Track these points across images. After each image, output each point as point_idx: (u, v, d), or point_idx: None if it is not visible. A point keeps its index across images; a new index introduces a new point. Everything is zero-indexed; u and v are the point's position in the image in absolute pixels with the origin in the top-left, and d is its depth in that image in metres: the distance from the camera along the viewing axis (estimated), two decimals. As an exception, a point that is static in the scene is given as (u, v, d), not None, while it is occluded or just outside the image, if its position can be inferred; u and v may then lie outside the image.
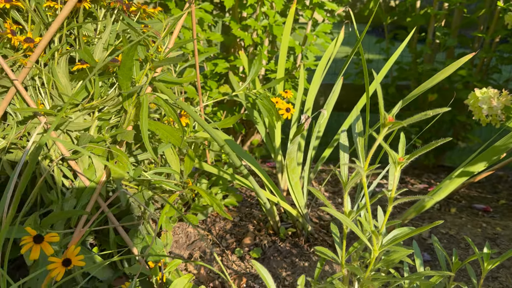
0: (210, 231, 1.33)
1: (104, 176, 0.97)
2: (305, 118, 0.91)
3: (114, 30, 0.96)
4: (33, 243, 0.68)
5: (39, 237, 0.69)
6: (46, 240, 0.69)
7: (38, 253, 0.69)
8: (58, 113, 0.90)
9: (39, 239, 0.69)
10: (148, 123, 0.94)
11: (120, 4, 0.95)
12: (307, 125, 0.93)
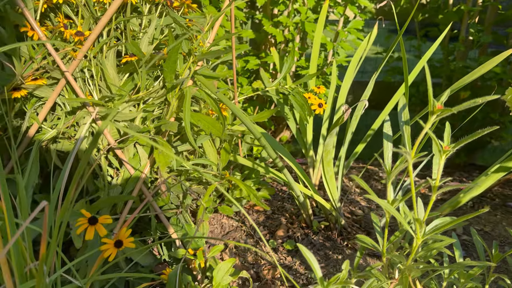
0: (243, 223, 1.36)
1: (148, 165, 1.01)
2: (346, 109, 0.92)
3: (158, 24, 0.99)
4: (88, 225, 0.72)
5: (93, 219, 0.73)
6: (100, 222, 0.73)
7: (93, 233, 0.72)
8: (106, 103, 0.94)
9: (94, 220, 0.72)
10: (190, 114, 0.97)
11: (165, 0, 0.99)
12: (347, 115, 0.94)
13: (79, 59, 0.93)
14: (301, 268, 1.19)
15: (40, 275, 0.62)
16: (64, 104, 1.00)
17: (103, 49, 0.95)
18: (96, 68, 0.94)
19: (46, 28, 0.93)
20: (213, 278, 0.79)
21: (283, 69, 1.42)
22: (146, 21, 1.00)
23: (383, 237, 0.77)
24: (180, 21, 0.93)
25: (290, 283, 1.14)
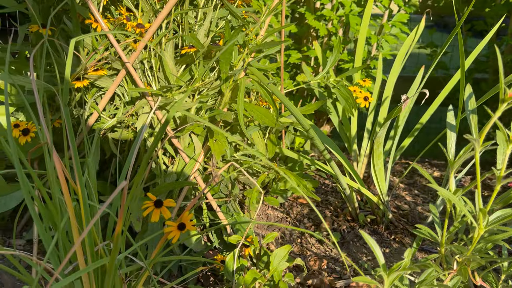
0: (288, 214, 1.37)
1: (202, 154, 1.03)
2: (405, 99, 0.92)
3: (213, 17, 1.01)
4: (154, 207, 0.75)
5: (159, 202, 0.76)
6: (165, 205, 0.76)
7: (158, 216, 0.75)
8: (165, 94, 0.97)
9: (159, 204, 0.75)
10: (243, 105, 0.99)
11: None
12: (405, 105, 0.94)
13: (139, 50, 0.96)
14: (348, 260, 1.20)
15: (114, 253, 0.65)
16: (123, 94, 1.05)
17: (161, 41, 0.98)
18: (155, 60, 0.98)
19: (108, 20, 0.97)
20: (270, 263, 0.81)
21: (329, 62, 1.42)
22: (202, 14, 1.03)
23: (442, 227, 0.77)
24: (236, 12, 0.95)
25: (336, 274, 1.15)
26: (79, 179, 0.69)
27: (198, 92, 1.02)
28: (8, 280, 1.03)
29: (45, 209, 0.72)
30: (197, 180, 1.03)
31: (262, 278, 0.79)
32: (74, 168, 0.72)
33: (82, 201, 0.70)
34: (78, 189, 0.69)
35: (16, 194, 1.00)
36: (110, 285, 0.70)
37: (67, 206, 0.67)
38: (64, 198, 0.67)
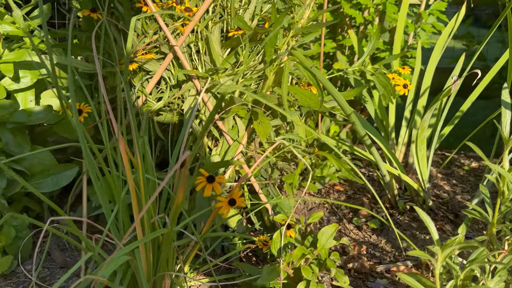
0: (326, 200, 1.38)
1: (246, 137, 1.05)
2: (455, 80, 0.91)
3: (258, 1, 1.03)
4: (207, 183, 0.78)
5: (211, 177, 0.78)
6: (217, 181, 0.78)
7: (210, 191, 0.78)
8: (211, 76, 0.99)
9: (211, 179, 0.78)
10: (288, 87, 1.01)
11: (264, -23, 1.02)
12: (455, 87, 0.93)
13: (186, 34, 0.99)
14: (387, 246, 1.20)
15: (173, 223, 0.67)
16: (169, 78, 1.07)
17: (208, 25, 1.00)
18: (202, 43, 1.00)
19: (156, 4, 1.00)
20: (318, 240, 0.82)
21: (367, 49, 1.42)
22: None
23: (493, 208, 0.76)
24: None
25: (376, 259, 1.15)
26: (139, 153, 0.72)
27: (242, 75, 1.03)
28: (58, 256, 1.08)
29: (105, 182, 0.75)
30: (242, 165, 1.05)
31: (311, 254, 0.80)
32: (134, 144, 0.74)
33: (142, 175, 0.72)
34: (139, 163, 0.72)
35: (67, 173, 1.04)
36: (165, 255, 0.73)
37: (127, 179, 0.70)
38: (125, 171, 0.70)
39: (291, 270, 0.85)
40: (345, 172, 1.06)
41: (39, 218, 1.17)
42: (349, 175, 1.06)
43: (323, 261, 0.82)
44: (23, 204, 1.10)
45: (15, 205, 1.06)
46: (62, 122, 1.08)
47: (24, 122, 0.96)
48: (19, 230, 1.02)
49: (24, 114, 0.95)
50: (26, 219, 0.62)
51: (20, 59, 0.94)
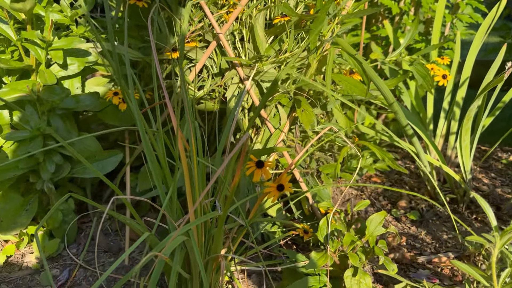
0: (363, 191, 1.37)
1: (287, 125, 1.05)
2: (509, 66, 0.89)
3: (302, -12, 1.02)
4: (256, 168, 0.78)
5: (260, 162, 0.78)
6: (266, 166, 0.78)
7: (259, 176, 0.78)
8: (255, 64, 0.99)
9: (261, 164, 0.78)
10: (331, 75, 1.00)
11: (309, -36, 1.01)
12: (508, 73, 0.91)
13: (231, 21, 0.99)
14: (427, 237, 1.18)
15: (227, 206, 0.68)
16: (212, 66, 1.08)
17: (252, 12, 1.00)
18: (246, 30, 1.00)
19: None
20: (366, 227, 0.81)
21: (405, 39, 1.40)
22: (289, -14, 1.04)
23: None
24: (328, -18, 0.95)
25: (416, 250, 1.14)
26: (193, 139, 0.73)
27: (285, 63, 1.03)
28: (102, 240, 1.10)
29: (158, 166, 0.76)
30: (282, 152, 1.05)
31: (360, 241, 0.80)
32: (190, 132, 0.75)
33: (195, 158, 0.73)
34: (193, 146, 0.72)
35: (112, 159, 1.06)
36: (217, 237, 0.74)
37: (182, 161, 0.70)
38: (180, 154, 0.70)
39: (337, 258, 0.85)
40: (388, 161, 1.05)
41: (81, 204, 1.19)
42: (393, 164, 1.05)
43: (371, 249, 0.82)
44: (67, 189, 1.13)
45: (60, 190, 1.09)
46: (106, 110, 1.10)
47: (73, 108, 0.98)
48: (65, 214, 1.05)
49: (73, 100, 0.97)
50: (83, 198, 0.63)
51: (69, 46, 0.96)
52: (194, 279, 0.75)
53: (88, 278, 0.99)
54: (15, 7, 0.87)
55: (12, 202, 0.99)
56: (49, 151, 0.99)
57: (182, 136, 0.74)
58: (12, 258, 1.03)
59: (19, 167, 0.96)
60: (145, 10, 1.08)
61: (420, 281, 0.91)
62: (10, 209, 0.97)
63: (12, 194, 1.00)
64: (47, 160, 0.98)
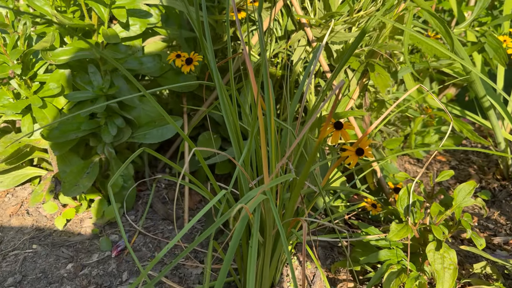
0: (428, 169, 1.29)
1: (357, 91, 0.98)
2: None
3: None
4: (334, 129, 0.72)
5: (338, 124, 0.72)
6: (345, 127, 0.73)
7: (338, 138, 0.72)
8: (326, 23, 0.93)
9: (339, 125, 0.72)
10: (410, 36, 0.92)
11: None
12: None
13: (300, -21, 0.93)
14: (501, 218, 1.09)
15: (308, 166, 0.63)
16: (276, 29, 1.02)
17: (323, -31, 0.93)
18: (316, -12, 0.94)
19: None
20: (454, 198, 0.74)
21: (476, 9, 1.29)
22: None
23: None
24: None
25: (490, 231, 1.05)
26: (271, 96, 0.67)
27: (357, 24, 0.96)
28: (160, 208, 1.08)
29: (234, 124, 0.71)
30: (349, 120, 0.99)
31: (447, 212, 0.73)
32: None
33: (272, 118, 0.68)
34: (271, 104, 0.67)
35: (171, 125, 1.03)
36: (294, 200, 0.69)
37: (259, 121, 0.65)
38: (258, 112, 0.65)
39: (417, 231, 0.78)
40: (467, 132, 0.97)
41: (137, 172, 1.17)
42: (472, 136, 0.96)
43: (457, 222, 0.74)
44: (125, 156, 1.11)
45: (119, 157, 1.07)
46: (166, 75, 1.06)
47: (136, 70, 0.95)
48: (125, 180, 1.03)
49: (136, 62, 0.94)
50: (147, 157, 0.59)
51: (132, 5, 0.93)
52: (268, 243, 0.71)
53: (147, 244, 0.97)
54: (81, -40, 0.84)
55: (73, 164, 0.98)
56: (111, 113, 0.97)
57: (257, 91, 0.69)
58: (71, 223, 1.02)
59: (81, 129, 0.94)
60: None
61: (507, 261, 0.84)
62: (72, 171, 0.95)
63: (73, 157, 0.99)
64: (109, 122, 0.96)
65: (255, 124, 0.67)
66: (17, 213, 1.05)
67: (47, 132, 0.91)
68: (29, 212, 1.05)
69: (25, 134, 0.93)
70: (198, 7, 0.97)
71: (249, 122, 0.77)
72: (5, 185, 1.05)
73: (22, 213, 1.05)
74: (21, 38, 0.88)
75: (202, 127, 1.23)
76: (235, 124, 0.72)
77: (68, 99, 0.92)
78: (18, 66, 0.88)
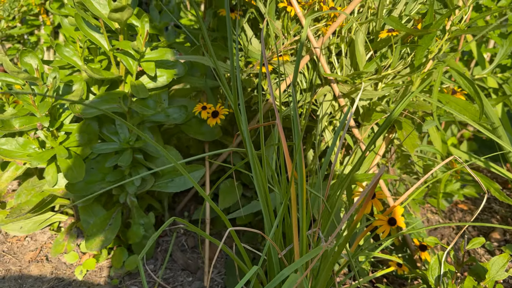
0: (450, 219, 1.26)
1: (383, 147, 0.97)
2: None
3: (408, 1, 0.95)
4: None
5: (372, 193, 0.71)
6: (377, 197, 0.72)
7: (370, 208, 0.71)
8: (353, 80, 0.92)
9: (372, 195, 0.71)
10: (438, 95, 0.92)
11: (414, -25, 0.94)
12: None
13: (328, 35, 0.93)
14: (528, 277, 1.06)
15: (346, 239, 0.62)
16: (301, 81, 1.02)
17: (351, 26, 0.93)
18: (344, 45, 0.94)
19: (298, 3, 0.95)
20: (488, 270, 0.72)
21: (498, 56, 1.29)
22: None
23: None
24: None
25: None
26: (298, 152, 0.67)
27: (384, 80, 0.96)
28: (180, 257, 1.07)
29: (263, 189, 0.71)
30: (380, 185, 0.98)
31: (480, 286, 0.71)
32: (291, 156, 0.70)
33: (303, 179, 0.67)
34: (303, 170, 0.67)
35: (194, 174, 1.02)
36: (326, 273, 0.67)
37: (289, 180, 0.65)
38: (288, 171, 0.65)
39: (447, 300, 0.76)
40: (494, 192, 0.95)
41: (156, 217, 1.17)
42: (500, 196, 0.94)
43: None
44: (147, 202, 1.11)
45: (140, 203, 1.07)
46: (189, 122, 1.06)
47: (162, 122, 0.95)
48: (146, 229, 1.02)
49: (163, 114, 0.94)
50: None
51: (161, 58, 0.93)
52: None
53: (168, 298, 0.96)
54: (113, 17, 0.85)
55: (96, 215, 0.97)
56: (136, 164, 0.96)
57: (289, 159, 0.68)
58: (90, 272, 1.01)
59: (105, 180, 0.93)
60: (234, 22, 1.04)
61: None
62: (95, 223, 0.94)
63: (96, 207, 0.98)
64: (133, 173, 0.95)
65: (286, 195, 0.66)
66: (36, 259, 1.04)
67: (72, 183, 0.91)
68: (49, 258, 1.04)
69: (49, 183, 0.93)
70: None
71: (278, 187, 0.76)
72: (25, 230, 1.05)
73: (42, 259, 1.04)
74: (50, 91, 0.88)
75: (222, 170, 1.23)
76: (265, 190, 0.72)
77: (94, 151, 0.92)
78: (46, 119, 0.88)
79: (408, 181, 1.19)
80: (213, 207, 0.78)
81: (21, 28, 2.02)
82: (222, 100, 1.13)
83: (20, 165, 1.03)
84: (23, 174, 1.08)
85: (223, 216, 0.68)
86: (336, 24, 0.92)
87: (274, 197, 0.93)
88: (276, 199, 0.82)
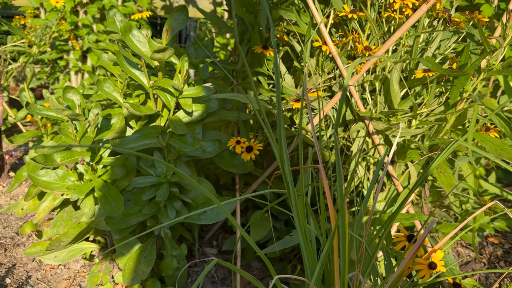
0: (481, 254, 1.25)
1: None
2: None
3: (441, 39, 0.96)
4: (406, 242, 0.71)
5: (411, 236, 0.72)
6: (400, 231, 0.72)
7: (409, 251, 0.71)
8: (387, 118, 0.93)
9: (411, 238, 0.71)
10: (474, 134, 0.92)
11: (448, 15, 0.95)
12: None
13: (362, 73, 0.94)
14: None
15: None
16: (333, 116, 1.03)
17: (386, 65, 0.95)
18: (379, 83, 0.95)
19: (332, 42, 0.97)
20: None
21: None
22: (424, 36, 0.98)
23: None
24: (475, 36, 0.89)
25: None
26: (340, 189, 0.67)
27: (417, 118, 0.96)
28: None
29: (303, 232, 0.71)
30: (409, 211, 0.98)
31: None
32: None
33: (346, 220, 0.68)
34: (345, 217, 0.67)
35: (226, 206, 1.03)
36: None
37: (331, 221, 0.65)
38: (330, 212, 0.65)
39: None
40: (531, 231, 0.94)
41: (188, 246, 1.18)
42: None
43: None
44: (178, 233, 1.12)
45: (172, 233, 1.08)
46: (222, 154, 1.08)
47: (198, 156, 0.97)
48: (178, 261, 1.03)
49: (200, 150, 0.96)
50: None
51: (198, 94, 0.96)
52: None
53: (200, 332, 0.96)
54: (155, 57, 0.88)
55: (131, 247, 0.99)
56: (171, 197, 0.98)
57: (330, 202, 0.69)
58: (123, 302, 1.02)
59: (142, 213, 0.95)
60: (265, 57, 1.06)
61: None
62: (131, 256, 0.96)
63: (131, 238, 1.00)
64: (168, 206, 0.97)
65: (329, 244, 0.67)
66: (70, 288, 1.06)
67: (111, 217, 0.93)
68: (82, 287, 1.06)
69: (87, 215, 0.95)
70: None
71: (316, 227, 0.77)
72: (59, 259, 1.07)
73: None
74: (92, 126, 0.91)
75: (251, 200, 1.24)
76: (305, 231, 0.72)
77: (132, 185, 0.94)
78: (87, 154, 0.91)
79: (438, 215, 1.18)
80: (246, 239, 0.78)
81: (51, 53, 2.08)
82: (254, 132, 1.15)
83: (57, 195, 1.05)
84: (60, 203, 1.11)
85: (259, 251, 0.68)
86: (370, 62, 0.93)
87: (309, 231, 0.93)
88: (312, 235, 0.83)
